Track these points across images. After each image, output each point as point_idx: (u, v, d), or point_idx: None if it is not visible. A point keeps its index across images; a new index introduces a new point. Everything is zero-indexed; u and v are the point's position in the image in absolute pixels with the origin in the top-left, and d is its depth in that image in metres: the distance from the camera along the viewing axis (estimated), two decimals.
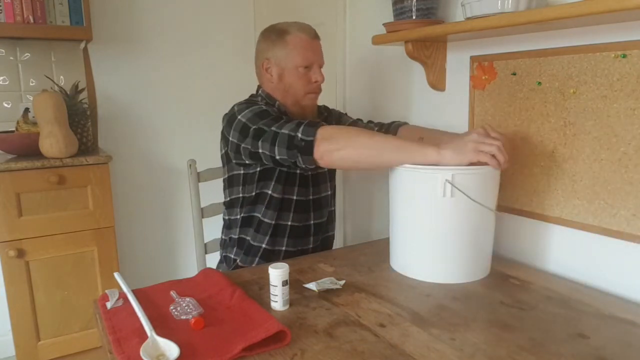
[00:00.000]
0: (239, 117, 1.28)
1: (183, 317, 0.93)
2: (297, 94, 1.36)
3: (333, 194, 1.53)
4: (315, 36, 1.37)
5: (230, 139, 1.30)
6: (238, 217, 1.41)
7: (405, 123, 1.53)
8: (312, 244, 1.45)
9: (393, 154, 1.11)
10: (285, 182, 1.36)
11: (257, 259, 1.40)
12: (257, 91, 1.43)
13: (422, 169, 1.11)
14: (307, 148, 1.14)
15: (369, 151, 1.12)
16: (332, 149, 1.13)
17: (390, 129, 1.52)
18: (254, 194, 1.36)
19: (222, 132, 1.35)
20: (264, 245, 1.39)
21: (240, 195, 1.39)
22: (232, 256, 1.44)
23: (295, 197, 1.38)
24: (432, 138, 1.36)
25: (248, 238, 1.41)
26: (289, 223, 1.39)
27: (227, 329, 0.88)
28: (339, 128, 1.20)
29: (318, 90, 1.39)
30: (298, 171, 1.35)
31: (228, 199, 1.44)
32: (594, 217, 1.15)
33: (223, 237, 1.50)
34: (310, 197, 1.42)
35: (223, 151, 1.40)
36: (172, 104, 2.45)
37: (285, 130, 1.18)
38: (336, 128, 1.18)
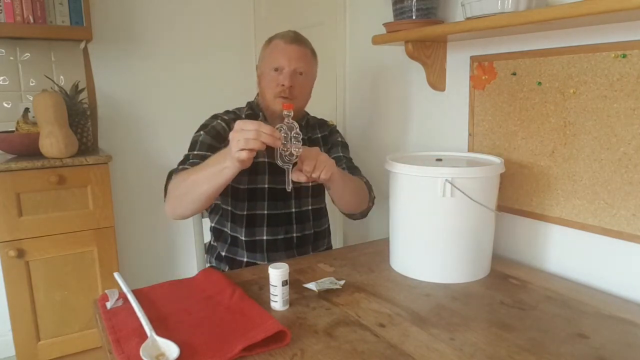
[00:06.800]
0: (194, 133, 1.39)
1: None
2: (268, 97, 1.36)
3: (303, 212, 1.45)
4: (292, 41, 1.34)
5: None
6: (211, 224, 1.49)
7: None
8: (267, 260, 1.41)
9: (205, 182, 1.11)
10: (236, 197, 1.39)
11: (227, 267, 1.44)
12: (255, 99, 1.47)
13: (422, 169, 1.11)
14: None
15: (190, 196, 1.14)
16: (169, 208, 1.22)
17: None
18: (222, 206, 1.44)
19: None
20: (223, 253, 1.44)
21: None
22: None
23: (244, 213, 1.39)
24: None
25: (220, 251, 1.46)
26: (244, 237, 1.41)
27: (227, 329, 0.88)
28: (172, 183, 1.23)
29: (287, 96, 1.32)
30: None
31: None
32: (594, 217, 1.14)
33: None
34: (267, 211, 1.40)
35: None
36: (172, 103, 2.45)
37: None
38: (171, 185, 1.23)
